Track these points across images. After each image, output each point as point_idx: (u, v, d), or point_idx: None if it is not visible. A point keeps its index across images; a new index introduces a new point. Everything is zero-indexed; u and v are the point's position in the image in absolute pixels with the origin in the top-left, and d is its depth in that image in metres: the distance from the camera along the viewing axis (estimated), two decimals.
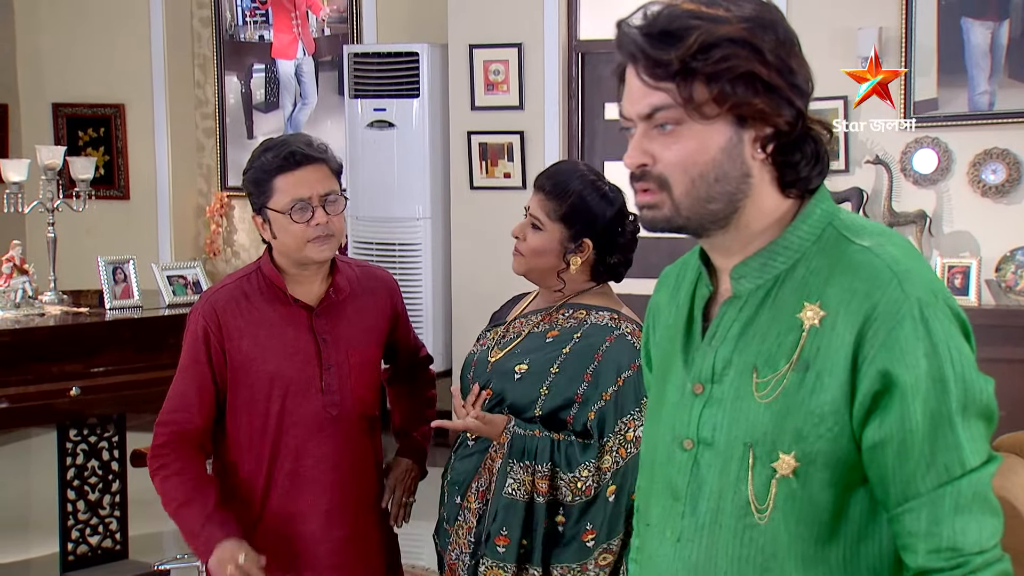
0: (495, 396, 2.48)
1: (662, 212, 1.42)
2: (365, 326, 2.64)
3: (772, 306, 1.42)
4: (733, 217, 1.42)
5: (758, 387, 1.40)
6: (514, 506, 2.37)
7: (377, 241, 6.39)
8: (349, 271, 2.67)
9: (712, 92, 1.36)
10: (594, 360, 2.40)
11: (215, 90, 7.39)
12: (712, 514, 1.43)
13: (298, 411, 2.54)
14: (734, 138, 1.39)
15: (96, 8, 7.30)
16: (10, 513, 5.71)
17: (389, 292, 2.74)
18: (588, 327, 2.45)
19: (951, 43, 5.44)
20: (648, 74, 1.38)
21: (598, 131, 6.24)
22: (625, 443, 2.36)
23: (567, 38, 6.14)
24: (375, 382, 2.68)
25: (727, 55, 1.35)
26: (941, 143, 5.47)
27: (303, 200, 2.47)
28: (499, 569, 2.38)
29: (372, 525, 2.67)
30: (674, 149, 1.39)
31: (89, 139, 7.43)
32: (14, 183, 4.56)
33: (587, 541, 2.37)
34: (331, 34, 7.04)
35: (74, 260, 5.71)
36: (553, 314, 2.51)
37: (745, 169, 1.40)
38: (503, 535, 2.37)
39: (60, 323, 4.35)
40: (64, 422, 4.47)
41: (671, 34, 1.36)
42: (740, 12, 1.38)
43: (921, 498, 1.33)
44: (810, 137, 1.42)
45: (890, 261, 1.37)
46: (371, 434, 2.66)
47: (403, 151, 6.31)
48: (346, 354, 2.59)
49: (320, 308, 2.58)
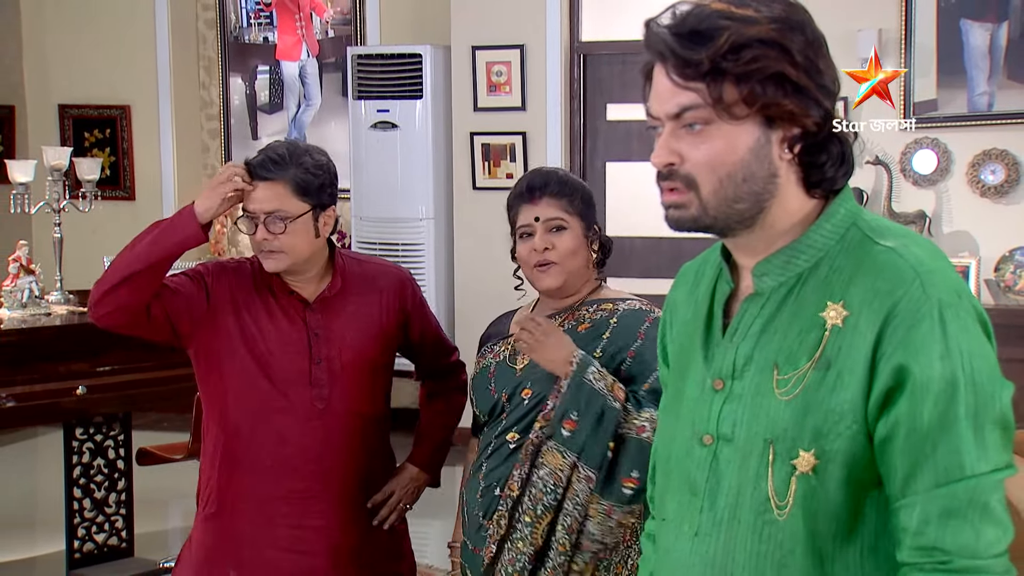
0: (535, 397, 2.42)
1: (689, 212, 1.42)
2: (363, 324, 2.66)
3: (794, 304, 1.42)
4: (759, 217, 1.43)
5: (779, 384, 1.40)
6: (593, 394, 2.29)
7: (380, 241, 6.42)
8: (356, 268, 2.70)
9: (742, 92, 1.37)
10: (637, 339, 2.39)
11: (220, 91, 7.43)
12: (731, 509, 1.43)
13: (285, 398, 2.59)
14: (762, 138, 1.40)
15: (102, 10, 7.34)
16: (17, 511, 5.76)
17: (398, 290, 2.74)
18: (622, 312, 2.44)
19: (950, 44, 5.46)
20: (678, 74, 1.38)
21: (600, 132, 6.27)
22: None
23: (569, 40, 6.17)
24: (372, 381, 2.69)
25: (757, 56, 1.36)
26: (940, 144, 5.50)
27: (249, 214, 2.57)
28: (559, 453, 2.31)
29: (357, 517, 2.68)
30: (702, 149, 1.39)
31: (95, 140, 7.47)
32: (21, 184, 4.59)
33: (626, 487, 2.30)
34: (335, 36, 7.08)
35: (80, 260, 5.75)
36: (576, 312, 2.49)
37: (772, 169, 1.41)
38: (573, 419, 2.30)
39: (66, 323, 4.39)
40: (70, 421, 4.50)
41: (701, 34, 1.37)
42: (770, 12, 1.38)
43: (917, 496, 1.33)
44: (836, 138, 1.43)
45: (914, 262, 1.37)
46: (364, 431, 2.67)
47: (406, 152, 6.35)
48: (339, 350, 2.62)
49: (315, 303, 2.63)
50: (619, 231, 6.10)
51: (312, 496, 2.62)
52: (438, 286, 6.41)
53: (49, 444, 6.10)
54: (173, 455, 4.48)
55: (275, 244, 2.55)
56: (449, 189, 6.41)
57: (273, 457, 2.59)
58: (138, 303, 2.52)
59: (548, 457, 2.32)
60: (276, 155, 2.57)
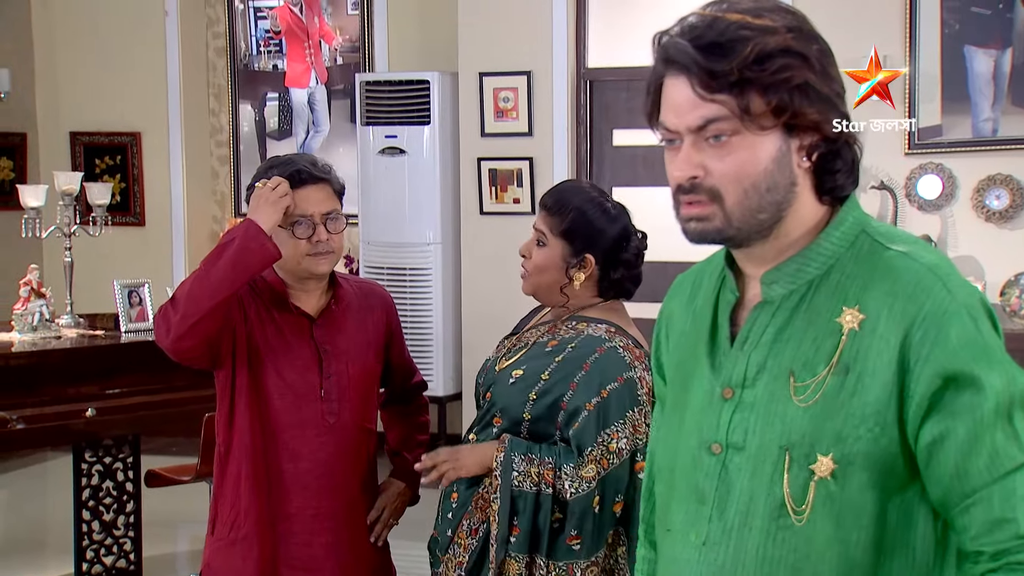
0: (492, 405, 2.52)
1: (713, 224, 1.41)
2: (364, 339, 2.70)
3: (807, 311, 1.42)
4: (776, 226, 1.43)
5: (796, 391, 1.40)
6: (522, 497, 2.38)
7: (388, 266, 6.46)
8: (348, 286, 2.74)
9: (769, 103, 1.37)
10: (582, 369, 2.42)
11: (229, 118, 7.49)
12: (741, 517, 1.43)
13: (298, 413, 2.60)
14: (783, 147, 1.40)
15: (113, 38, 7.42)
16: (27, 533, 5.78)
17: (385, 308, 2.80)
18: (583, 337, 2.48)
19: (954, 71, 5.50)
20: (703, 86, 1.37)
21: (606, 157, 6.31)
22: (608, 454, 2.37)
23: (575, 66, 6.22)
24: (373, 395, 2.74)
25: (784, 65, 1.36)
26: (945, 169, 5.52)
27: (305, 217, 2.56)
28: (512, 560, 2.39)
29: (359, 534, 2.70)
30: (727, 160, 1.39)
31: (106, 167, 7.53)
32: (32, 208, 4.63)
33: (573, 545, 2.38)
34: (343, 63, 7.15)
35: (90, 284, 5.79)
36: (557, 326, 2.55)
37: (792, 178, 1.41)
38: (515, 525, 2.38)
39: (76, 345, 4.43)
40: (80, 443, 4.53)
41: (723, 46, 1.36)
42: (784, 22, 1.39)
43: (990, 487, 1.33)
44: (848, 145, 1.44)
45: (931, 266, 1.39)
46: (367, 445, 2.71)
47: (414, 177, 6.39)
48: (346, 365, 2.65)
49: (320, 319, 2.65)
50: None
51: (321, 513, 2.63)
52: (445, 311, 6.44)
53: (58, 468, 6.13)
54: (181, 477, 4.50)
55: (331, 244, 2.59)
56: (456, 214, 6.45)
57: (288, 474, 2.60)
58: (219, 330, 2.51)
59: (508, 568, 2.40)
60: (310, 161, 2.63)
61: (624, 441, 2.38)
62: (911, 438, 1.36)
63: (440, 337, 6.41)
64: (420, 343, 6.34)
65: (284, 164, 2.61)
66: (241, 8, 7.39)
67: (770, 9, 1.40)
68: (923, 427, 1.35)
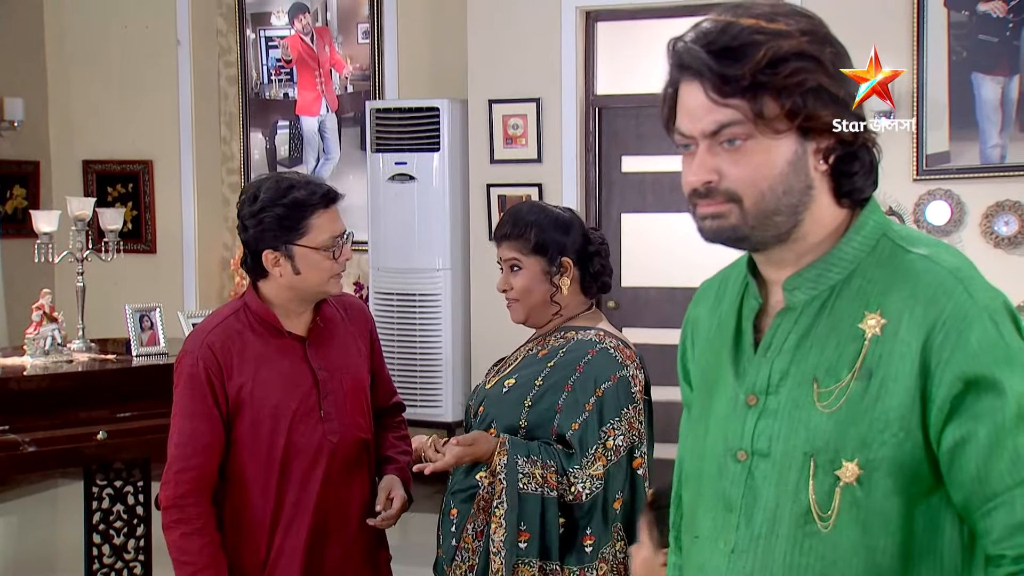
0: (485, 417, 2.56)
1: (729, 221, 1.41)
2: (352, 351, 2.70)
3: (829, 317, 1.42)
4: (793, 230, 1.42)
5: (820, 397, 1.39)
6: (529, 500, 2.40)
7: (398, 292, 6.48)
8: (329, 301, 2.70)
9: (783, 107, 1.37)
10: (575, 372, 2.48)
11: (241, 146, 7.54)
12: (768, 524, 1.42)
13: (301, 440, 2.58)
14: (799, 150, 1.40)
15: (126, 67, 7.48)
16: (38, 558, 5.81)
17: (365, 319, 2.80)
18: (574, 343, 2.54)
19: (962, 98, 5.53)
20: (716, 91, 1.37)
21: (615, 183, 6.34)
22: (606, 451, 2.43)
23: (584, 93, 6.26)
24: (368, 405, 2.73)
25: (796, 69, 1.36)
26: (953, 195, 5.54)
27: (338, 237, 2.56)
28: (524, 566, 2.40)
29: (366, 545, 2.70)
30: (742, 164, 1.39)
31: (118, 195, 7.57)
32: (45, 233, 4.66)
33: (586, 546, 2.42)
34: (354, 91, 7.20)
35: (102, 310, 5.82)
36: (547, 337, 2.61)
37: (808, 181, 1.41)
38: (523, 530, 2.40)
39: (87, 369, 4.44)
40: (91, 466, 4.54)
41: (736, 50, 1.36)
42: (798, 26, 1.39)
43: (1011, 491, 1.33)
44: (866, 147, 1.43)
45: (952, 268, 1.38)
46: (366, 456, 2.71)
47: (424, 203, 6.42)
48: (340, 381, 2.64)
49: (311, 338, 2.63)
50: (633, 281, 6.15)
51: (329, 530, 2.62)
52: (455, 336, 6.44)
53: (68, 494, 6.15)
54: None
55: (345, 265, 2.59)
56: (466, 240, 6.47)
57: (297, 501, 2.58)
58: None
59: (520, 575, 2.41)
60: (322, 180, 2.62)
61: (621, 438, 2.44)
62: (934, 442, 1.36)
63: (449, 362, 6.42)
64: (429, 368, 6.35)
65: (304, 184, 2.56)
66: (253, 37, 7.45)
67: (784, 13, 1.40)
68: (945, 431, 1.35)
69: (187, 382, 2.57)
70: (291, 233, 2.53)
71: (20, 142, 7.43)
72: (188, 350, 2.61)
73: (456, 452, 2.42)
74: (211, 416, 2.55)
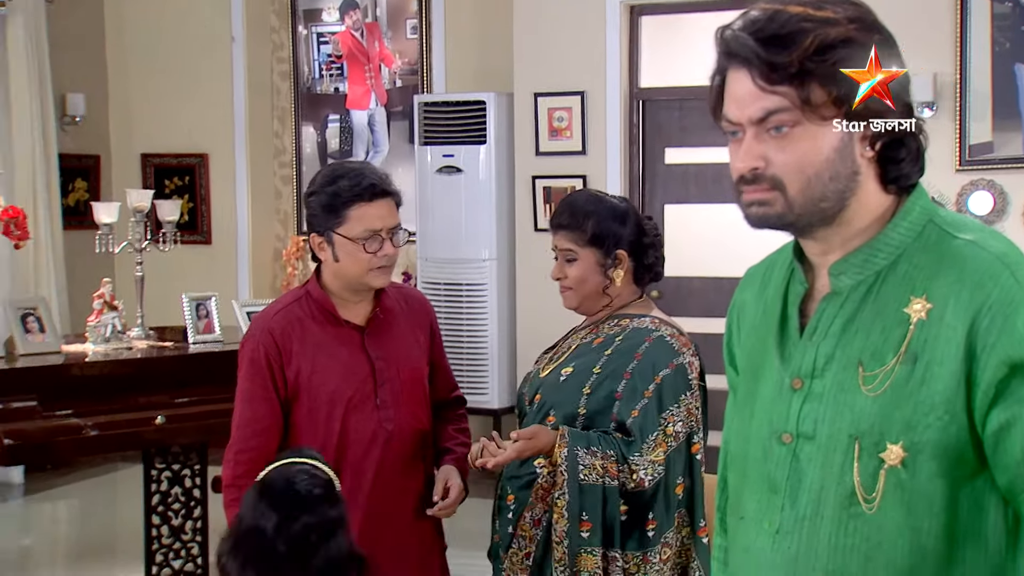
0: (543, 405, 2.58)
1: (774, 209, 1.42)
2: (411, 343, 2.72)
3: (875, 301, 1.42)
4: (839, 214, 1.42)
5: (865, 380, 1.39)
6: (590, 490, 2.42)
7: (445, 282, 6.58)
8: (390, 292, 2.73)
9: (830, 94, 1.37)
10: (633, 359, 2.50)
11: (292, 140, 7.68)
12: (813, 506, 1.42)
13: (357, 428, 2.60)
14: (845, 137, 1.39)
15: (183, 64, 7.64)
16: (99, 540, 5.98)
17: (426, 312, 2.82)
18: (629, 331, 2.57)
19: (1005, 89, 5.53)
20: (764, 78, 1.38)
21: (658, 175, 6.40)
22: (666, 437, 2.46)
23: (628, 86, 6.32)
24: (426, 397, 2.75)
25: (844, 56, 1.36)
26: (996, 185, 5.55)
27: (375, 231, 2.57)
28: (587, 554, 2.43)
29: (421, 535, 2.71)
30: (788, 151, 1.39)
31: (175, 187, 7.74)
32: (105, 224, 4.74)
33: (648, 531, 2.45)
34: (402, 85, 7.32)
35: (160, 298, 5.94)
36: (600, 325, 2.63)
37: (855, 167, 1.41)
38: (585, 520, 2.43)
39: (146, 356, 4.53)
40: (150, 450, 4.64)
41: (783, 38, 1.37)
42: (846, 13, 1.39)
43: None
44: (912, 134, 1.43)
45: (998, 254, 1.38)
46: (424, 447, 2.72)
47: (470, 195, 6.52)
48: (397, 371, 2.66)
49: (370, 328, 2.67)
50: (677, 271, 6.18)
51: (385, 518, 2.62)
52: (500, 325, 6.54)
53: (128, 477, 6.31)
54: None
55: (394, 258, 2.60)
56: (512, 231, 6.56)
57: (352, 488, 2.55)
58: None
59: (583, 563, 2.44)
60: (380, 174, 2.62)
61: (680, 424, 2.47)
62: (978, 426, 1.36)
63: (495, 351, 6.52)
64: (475, 356, 6.46)
65: (355, 175, 2.59)
66: (304, 34, 7.60)
67: (832, 1, 1.41)
68: (990, 415, 1.35)
69: (248, 366, 2.63)
70: (331, 220, 2.58)
71: (81, 137, 7.63)
72: (250, 335, 2.68)
73: (518, 446, 2.45)
74: (270, 400, 2.60)
